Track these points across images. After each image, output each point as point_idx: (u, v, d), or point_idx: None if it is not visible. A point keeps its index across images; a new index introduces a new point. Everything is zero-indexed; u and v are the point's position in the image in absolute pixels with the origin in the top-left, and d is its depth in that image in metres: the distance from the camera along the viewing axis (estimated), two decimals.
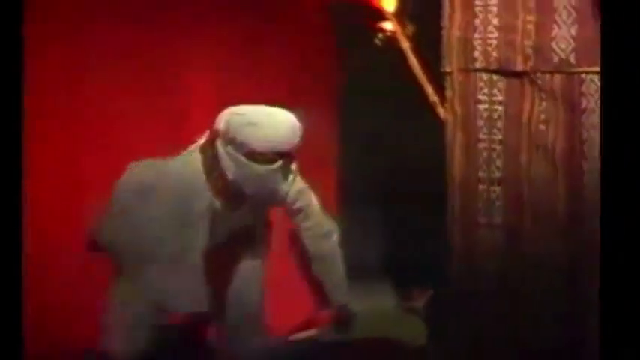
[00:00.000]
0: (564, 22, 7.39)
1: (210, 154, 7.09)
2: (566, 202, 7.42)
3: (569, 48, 7.32)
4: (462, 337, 7.68)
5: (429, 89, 7.48)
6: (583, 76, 7.32)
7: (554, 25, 7.37)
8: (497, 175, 7.42)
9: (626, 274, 4.89)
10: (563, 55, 7.32)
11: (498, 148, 7.46)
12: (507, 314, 7.64)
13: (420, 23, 7.82)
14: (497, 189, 7.49)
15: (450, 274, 7.65)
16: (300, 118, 7.02)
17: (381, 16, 7.81)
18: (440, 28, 7.51)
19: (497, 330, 7.63)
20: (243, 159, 6.95)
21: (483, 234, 7.48)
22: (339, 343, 7.80)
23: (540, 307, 7.59)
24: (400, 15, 7.71)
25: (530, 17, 7.38)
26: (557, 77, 7.36)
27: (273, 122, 7.07)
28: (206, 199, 7.14)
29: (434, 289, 8.49)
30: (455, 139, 7.51)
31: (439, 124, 7.58)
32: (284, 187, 7.22)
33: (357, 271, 8.48)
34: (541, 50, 7.37)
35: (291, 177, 7.27)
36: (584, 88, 7.30)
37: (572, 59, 7.29)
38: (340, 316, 7.91)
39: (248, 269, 7.54)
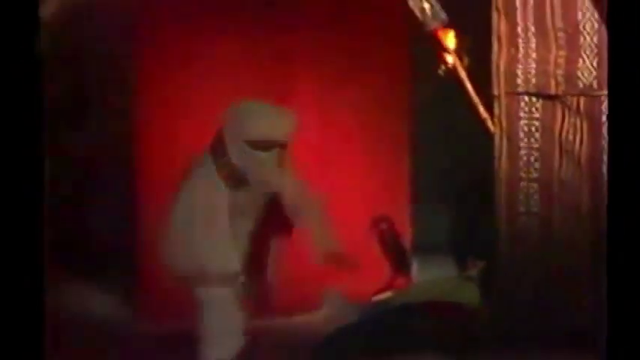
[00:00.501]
0: (587, 57, 8.11)
1: (218, 145, 7.18)
2: (588, 196, 8.14)
3: (592, 76, 8.05)
4: (507, 300, 8.21)
5: (481, 109, 8.06)
6: (602, 98, 7.98)
7: (580, 59, 8.10)
8: (535, 175, 8.17)
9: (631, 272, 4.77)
10: (587, 82, 8.04)
11: (535, 154, 8.19)
12: (542, 281, 8.18)
13: (474, 56, 8.27)
14: (535, 185, 8.20)
15: (497, 250, 8.26)
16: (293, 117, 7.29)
17: (444, 51, 8.18)
18: (490, 61, 8.10)
19: (534, 294, 8.14)
20: (245, 146, 7.11)
21: (522, 220, 8.18)
22: (410, 304, 8.32)
23: (568, 277, 8.12)
24: (458, 50, 8.16)
25: (562, 52, 8.13)
26: (582, 99, 8.11)
27: (271, 115, 7.26)
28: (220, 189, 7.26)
29: (486, 261, 8.68)
30: (501, 147, 8.18)
31: (490, 136, 8.17)
32: (280, 177, 7.19)
33: (426, 249, 9.54)
34: (570, 78, 8.07)
35: (287, 164, 7.30)
36: (603, 108, 7.99)
37: (594, 85, 8.00)
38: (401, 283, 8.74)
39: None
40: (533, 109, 8.21)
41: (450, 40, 8.20)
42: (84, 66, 9.76)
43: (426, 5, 8.05)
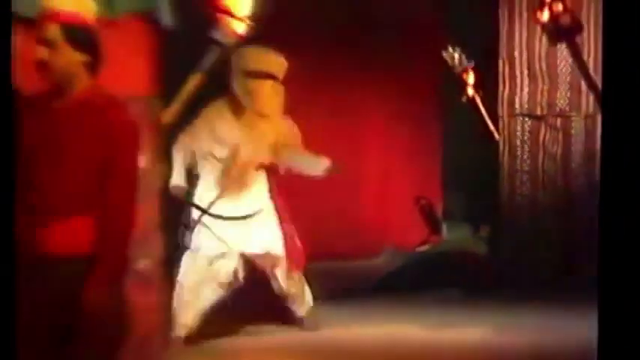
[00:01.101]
0: (562, 89, 9.03)
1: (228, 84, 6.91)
2: (562, 183, 9.20)
3: (565, 103, 9.07)
4: (505, 252, 9.13)
5: (490, 124, 9.09)
6: (572, 118, 9.06)
7: (557, 91, 9.03)
8: (526, 168, 9.18)
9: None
10: (562, 107, 9.08)
11: (526, 155, 9.17)
12: (531, 240, 8.99)
13: (485, 89, 9.15)
14: (526, 175, 9.20)
15: (500, 219, 9.30)
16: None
17: (466, 85, 8.96)
18: (497, 92, 9.02)
19: (526, 249, 8.97)
20: (242, 76, 6.87)
21: (517, 199, 9.20)
22: (441, 253, 9.41)
23: (550, 238, 8.99)
24: (476, 85, 9.04)
25: (545, 87, 9.05)
26: (559, 119, 9.11)
27: (264, 52, 6.95)
28: None
29: (491, 227, 9.68)
30: (504, 149, 9.20)
31: (496, 142, 9.19)
32: (272, 108, 6.92)
33: (451, 218, 10.44)
34: (550, 104, 9.07)
35: (279, 96, 7.03)
36: (573, 124, 9.10)
37: (567, 109, 9.04)
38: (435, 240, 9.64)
39: None
40: (526, 125, 9.16)
41: (470, 77, 8.92)
42: None
43: (456, 55, 8.82)
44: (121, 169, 3.87)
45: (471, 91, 8.86)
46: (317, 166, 7.21)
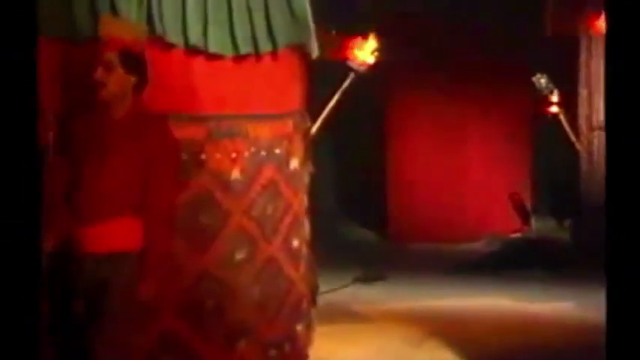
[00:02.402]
0: None
1: None
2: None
3: None
4: (586, 239, 8.85)
5: (572, 136, 8.95)
6: None
7: None
8: (601, 173, 7.79)
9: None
10: None
11: (601, 161, 8.47)
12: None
13: (568, 107, 9.00)
14: (601, 178, 7.69)
15: (581, 213, 9.11)
16: None
17: (551, 104, 8.88)
18: (577, 111, 8.94)
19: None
20: None
21: (595, 199, 8.52)
22: (531, 240, 9.17)
23: None
24: (560, 104, 8.88)
25: None
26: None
27: None
28: None
29: (574, 219, 9.51)
30: (584, 157, 9.04)
31: (577, 151, 9.05)
32: None
33: (540, 211, 10.19)
34: None
35: None
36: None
37: None
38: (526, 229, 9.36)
39: None
40: (601, 138, 8.73)
41: (554, 98, 8.78)
42: None
43: (543, 81, 8.67)
44: (161, 177, 3.71)
45: (555, 109, 8.73)
46: None
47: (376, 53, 6.12)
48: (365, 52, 6.04)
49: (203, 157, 4.32)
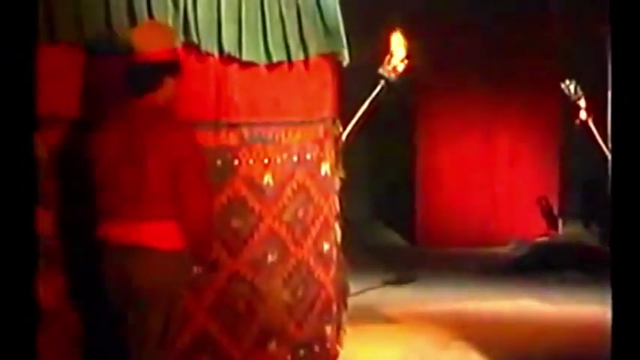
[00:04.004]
0: None
1: None
2: None
3: None
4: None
5: (601, 141, 8.55)
6: None
7: None
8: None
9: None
10: None
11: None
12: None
13: (595, 113, 8.52)
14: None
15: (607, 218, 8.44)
16: None
17: (579, 109, 8.59)
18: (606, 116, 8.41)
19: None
20: None
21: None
22: (557, 244, 9.15)
23: None
24: (587, 110, 8.59)
25: None
26: None
27: None
28: None
29: (601, 225, 9.19)
30: (608, 156, 7.82)
31: (605, 156, 8.38)
32: None
33: (566, 215, 10.03)
34: None
35: None
36: None
37: None
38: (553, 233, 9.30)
39: None
40: None
41: (582, 103, 8.56)
42: None
43: (572, 87, 8.46)
44: (193, 179, 3.65)
45: (584, 115, 8.57)
46: None
47: (406, 61, 6.11)
48: (395, 59, 6.04)
49: (236, 162, 4.34)
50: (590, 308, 6.96)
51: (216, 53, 4.24)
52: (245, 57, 4.31)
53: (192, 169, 3.64)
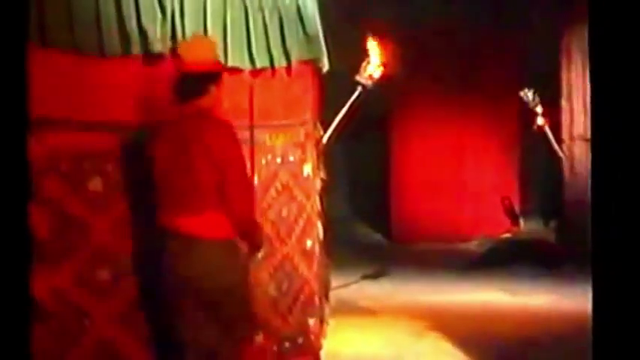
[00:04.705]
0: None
1: None
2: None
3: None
4: (570, 238, 8.55)
5: (556, 145, 8.72)
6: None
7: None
8: (583, 178, 8.26)
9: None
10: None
11: (582, 167, 8.51)
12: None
13: (552, 119, 8.73)
14: (583, 183, 7.98)
15: (564, 214, 8.87)
16: None
17: (537, 115, 8.65)
18: (561, 122, 8.75)
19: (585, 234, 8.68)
20: None
21: (578, 200, 8.34)
22: (520, 240, 9.06)
23: None
24: (544, 115, 8.66)
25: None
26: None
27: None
28: None
29: (559, 221, 9.16)
30: (566, 163, 8.83)
31: (559, 158, 8.80)
32: None
33: (527, 213, 10.00)
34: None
35: None
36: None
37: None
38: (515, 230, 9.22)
39: None
40: (582, 146, 8.68)
41: (540, 110, 8.62)
42: None
43: (530, 95, 8.51)
44: (237, 174, 3.61)
45: (541, 121, 8.58)
46: None
47: (382, 68, 5.98)
48: (372, 66, 5.92)
49: None
50: (550, 298, 6.92)
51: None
52: (230, 63, 4.10)
53: (236, 167, 3.63)
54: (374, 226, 10.26)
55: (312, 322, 4.51)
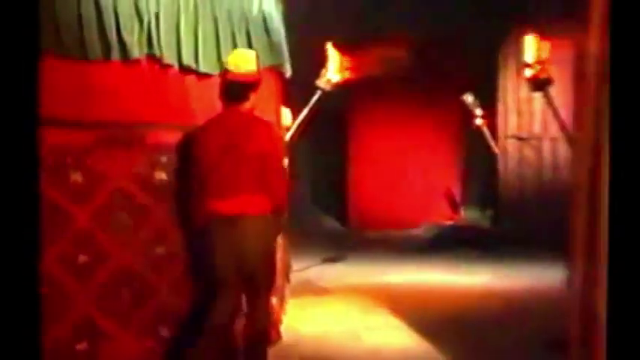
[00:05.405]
0: (538, 121, 8.78)
1: None
2: (537, 181, 8.83)
3: (539, 129, 8.79)
4: (504, 226, 8.78)
5: (492, 143, 8.78)
6: (543, 140, 8.74)
7: (532, 122, 8.78)
8: (515, 171, 8.87)
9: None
10: (537, 132, 8.80)
11: (515, 163, 8.79)
12: (523, 218, 8.41)
13: (489, 120, 8.72)
14: (515, 176, 8.94)
15: (499, 203, 9.00)
16: None
17: (476, 117, 8.58)
18: (496, 122, 8.81)
19: (519, 223, 8.43)
20: None
21: (510, 191, 8.86)
22: (460, 226, 9.18)
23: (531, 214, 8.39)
24: (484, 117, 8.63)
25: (526, 119, 8.77)
26: (535, 140, 8.81)
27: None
28: None
29: (494, 209, 9.31)
30: (501, 160, 8.93)
31: (495, 154, 8.90)
32: None
33: (467, 202, 10.00)
34: (530, 131, 8.79)
35: None
36: (543, 144, 8.79)
37: (540, 134, 8.75)
38: (456, 218, 9.24)
39: None
40: (515, 144, 8.93)
41: (479, 112, 8.60)
42: None
43: (470, 99, 8.50)
44: (274, 163, 3.81)
45: (479, 121, 8.56)
46: None
47: (339, 74, 5.95)
48: (330, 72, 5.88)
49: None
50: (486, 277, 6.93)
51: (176, 65, 3.94)
52: (202, 69, 4.02)
53: (274, 157, 3.83)
54: (333, 215, 10.19)
55: (274, 300, 4.40)
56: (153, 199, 3.86)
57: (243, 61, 3.80)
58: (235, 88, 3.77)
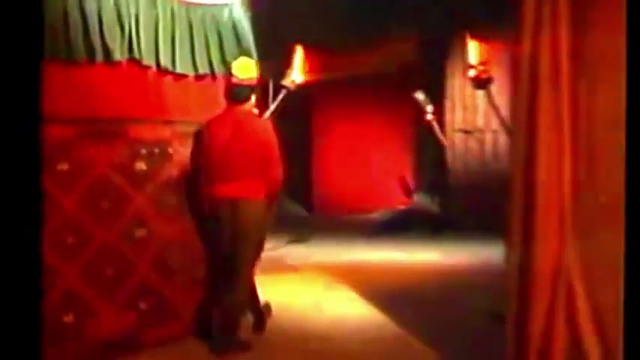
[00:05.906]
0: (479, 115, 8.67)
1: None
2: (481, 171, 8.70)
3: (482, 123, 8.73)
4: (451, 210, 8.75)
5: (441, 136, 8.65)
6: (485, 133, 8.63)
7: (477, 117, 8.71)
8: (461, 162, 8.78)
9: None
10: (479, 126, 8.69)
11: (461, 154, 8.71)
12: (468, 203, 8.37)
13: (438, 115, 8.60)
14: (461, 166, 8.78)
15: (446, 190, 8.95)
16: None
17: (426, 113, 8.40)
18: (445, 117, 8.70)
19: (465, 207, 8.42)
20: None
21: (457, 179, 8.77)
22: (413, 210, 9.19)
23: (476, 199, 8.14)
24: (433, 113, 8.44)
25: (469, 115, 8.71)
26: (478, 133, 8.79)
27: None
28: None
29: (441, 196, 9.18)
30: (448, 150, 8.84)
31: (443, 146, 8.81)
32: None
33: (419, 189, 9.93)
34: (474, 124, 8.75)
35: None
36: (486, 136, 8.67)
37: (482, 127, 8.71)
38: (409, 202, 9.22)
39: None
40: (461, 137, 8.87)
41: (429, 108, 8.43)
42: None
43: (421, 96, 8.33)
44: (271, 154, 4.01)
45: (429, 116, 8.54)
46: None
47: (303, 75, 5.98)
48: (295, 73, 5.91)
49: (170, 150, 4.06)
50: (434, 255, 6.96)
51: (154, 66, 3.97)
52: (178, 70, 4.06)
53: (271, 149, 4.04)
54: (298, 201, 10.13)
55: None
56: (133, 186, 3.85)
57: (246, 68, 4.03)
58: (238, 91, 4.00)
